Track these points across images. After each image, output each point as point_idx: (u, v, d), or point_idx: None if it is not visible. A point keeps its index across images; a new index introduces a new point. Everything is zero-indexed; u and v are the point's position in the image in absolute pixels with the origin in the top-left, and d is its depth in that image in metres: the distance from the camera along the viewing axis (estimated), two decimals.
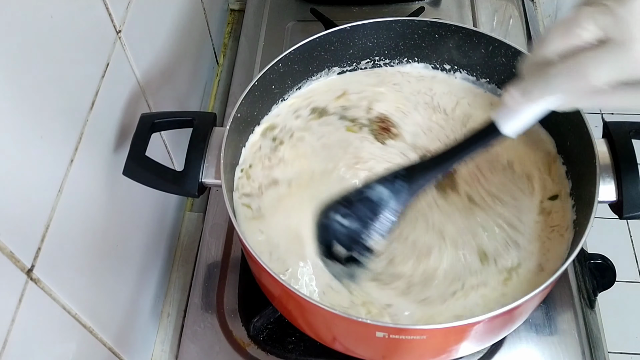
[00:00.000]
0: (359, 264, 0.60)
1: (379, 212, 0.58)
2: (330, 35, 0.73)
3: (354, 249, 0.59)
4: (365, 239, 0.59)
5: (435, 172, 0.57)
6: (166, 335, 0.81)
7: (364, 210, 0.59)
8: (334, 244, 0.60)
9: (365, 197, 0.59)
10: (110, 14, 0.61)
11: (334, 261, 0.60)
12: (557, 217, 0.66)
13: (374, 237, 0.59)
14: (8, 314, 0.46)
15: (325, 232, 0.60)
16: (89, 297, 0.60)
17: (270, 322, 0.73)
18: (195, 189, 0.62)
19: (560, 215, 0.66)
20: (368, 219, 0.58)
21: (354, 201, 0.60)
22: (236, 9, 1.17)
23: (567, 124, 0.67)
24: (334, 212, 0.60)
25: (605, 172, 0.60)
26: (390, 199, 0.58)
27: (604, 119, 0.64)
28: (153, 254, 0.80)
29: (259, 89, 0.69)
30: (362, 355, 0.64)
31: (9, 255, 0.45)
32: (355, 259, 0.60)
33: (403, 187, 0.58)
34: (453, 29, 0.73)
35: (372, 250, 0.60)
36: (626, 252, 1.70)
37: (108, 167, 0.63)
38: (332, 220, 0.60)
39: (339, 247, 0.60)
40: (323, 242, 0.60)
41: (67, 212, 0.54)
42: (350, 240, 0.59)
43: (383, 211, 0.58)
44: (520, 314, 0.62)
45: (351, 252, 0.60)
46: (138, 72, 0.70)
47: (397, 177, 0.58)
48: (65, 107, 0.54)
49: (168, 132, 0.78)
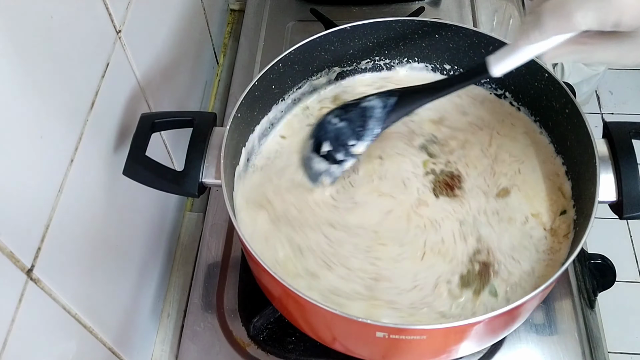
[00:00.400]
0: (339, 163, 0.66)
1: (367, 121, 0.64)
2: (330, 35, 0.73)
3: (339, 150, 0.66)
4: (350, 143, 0.65)
5: (426, 98, 0.63)
6: (166, 335, 0.81)
7: (355, 115, 0.65)
8: (323, 140, 0.67)
9: (360, 105, 0.65)
10: (110, 14, 0.61)
11: (319, 156, 0.67)
12: (564, 227, 0.66)
13: (358, 142, 0.65)
14: (8, 314, 0.46)
15: (319, 128, 0.67)
16: (89, 297, 0.60)
17: (270, 322, 0.73)
18: (195, 189, 0.62)
19: (566, 225, 0.66)
20: (357, 124, 0.65)
21: (350, 107, 0.66)
22: (236, 9, 1.17)
23: (567, 124, 0.67)
24: (331, 114, 0.67)
25: (605, 172, 0.60)
26: (381, 111, 0.64)
27: (604, 119, 0.64)
28: (153, 254, 0.80)
29: (259, 89, 0.69)
30: (362, 355, 0.64)
31: (9, 255, 0.45)
32: (337, 158, 0.66)
33: (394, 104, 0.64)
34: (453, 29, 0.73)
35: (354, 154, 0.66)
36: (626, 252, 1.70)
37: (108, 167, 0.63)
38: (327, 121, 0.67)
39: (326, 145, 0.66)
40: (314, 137, 0.68)
41: (67, 212, 0.54)
42: (337, 141, 0.66)
43: (372, 120, 0.64)
44: (520, 314, 0.62)
45: (335, 153, 0.66)
46: (138, 72, 0.70)
47: (391, 94, 0.65)
48: (65, 107, 0.54)
49: (168, 132, 0.78)
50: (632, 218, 0.59)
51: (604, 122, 0.63)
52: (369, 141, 0.65)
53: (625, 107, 1.97)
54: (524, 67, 0.70)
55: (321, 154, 0.67)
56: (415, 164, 0.71)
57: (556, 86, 0.67)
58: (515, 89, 0.74)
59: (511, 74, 0.72)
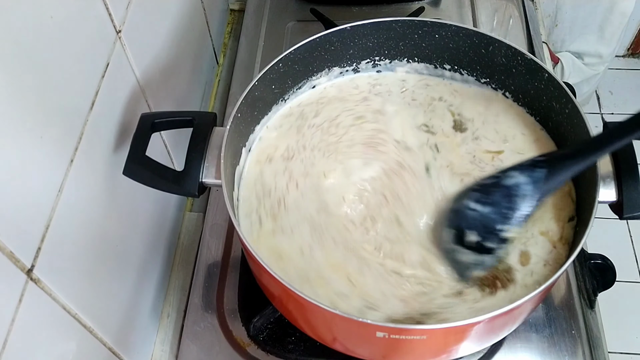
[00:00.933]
0: (490, 252, 0.58)
1: (514, 199, 0.56)
2: (330, 35, 0.73)
3: (487, 237, 0.57)
4: (500, 227, 0.57)
5: (580, 163, 0.54)
6: (166, 335, 0.81)
7: (498, 196, 0.57)
8: (466, 231, 0.58)
9: (501, 183, 0.57)
10: (110, 14, 0.61)
11: (465, 249, 0.59)
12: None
13: (508, 225, 0.57)
14: (8, 314, 0.46)
15: (458, 216, 0.59)
16: (89, 297, 0.60)
17: (270, 322, 0.73)
18: (195, 189, 0.62)
19: (572, 230, 0.65)
20: (503, 206, 0.56)
21: (489, 187, 0.58)
22: (236, 9, 1.17)
23: (567, 124, 0.67)
24: (467, 198, 0.59)
25: (606, 172, 0.60)
26: (527, 186, 0.55)
27: (604, 119, 0.64)
28: (153, 254, 0.80)
29: (259, 89, 0.69)
30: (362, 355, 0.64)
31: (9, 255, 0.45)
32: (487, 247, 0.58)
33: (542, 174, 0.55)
34: (453, 29, 0.73)
35: (506, 239, 0.57)
36: (626, 252, 1.70)
37: (108, 167, 0.63)
38: (467, 207, 0.58)
39: (470, 234, 0.58)
40: (454, 227, 0.59)
41: (67, 212, 0.54)
42: (483, 226, 0.57)
43: (519, 199, 0.56)
44: (520, 314, 0.62)
45: (484, 239, 0.57)
46: (138, 72, 0.70)
47: (536, 164, 0.56)
48: (65, 107, 0.54)
49: (168, 132, 0.78)
50: (632, 218, 0.59)
51: (604, 122, 0.63)
52: (523, 222, 0.57)
53: (625, 107, 1.97)
54: (524, 67, 0.70)
55: (467, 245, 0.59)
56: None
57: (556, 86, 0.67)
58: (515, 89, 0.74)
59: (511, 74, 0.72)
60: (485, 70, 0.75)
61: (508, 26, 1.03)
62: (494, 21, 1.03)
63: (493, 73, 0.75)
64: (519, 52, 0.69)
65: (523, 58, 0.70)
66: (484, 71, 0.76)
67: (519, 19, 1.03)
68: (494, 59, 0.72)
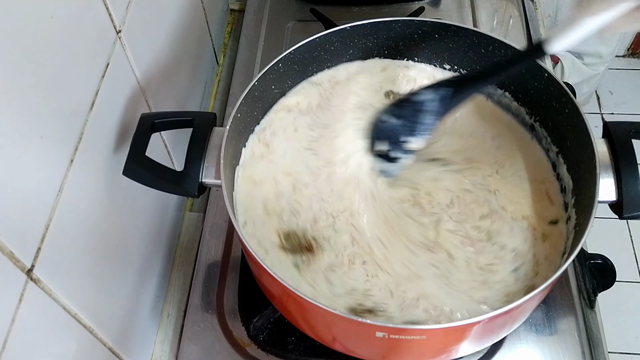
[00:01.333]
0: (396, 160, 0.66)
1: (421, 115, 0.62)
2: (330, 35, 0.73)
3: (394, 149, 0.65)
4: (405, 140, 0.64)
5: (479, 83, 0.62)
6: (166, 335, 0.81)
7: (409, 110, 0.63)
8: (377, 140, 0.66)
9: (412, 99, 0.63)
10: (110, 14, 0.61)
11: (376, 156, 0.67)
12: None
13: (413, 139, 0.64)
14: (8, 314, 0.46)
15: (372, 127, 0.66)
16: (89, 297, 0.60)
17: (270, 322, 0.73)
18: (195, 189, 0.62)
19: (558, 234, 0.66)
20: (412, 119, 0.63)
21: (402, 102, 0.64)
22: (236, 9, 1.17)
23: (567, 124, 0.67)
24: (384, 112, 0.65)
25: (605, 172, 0.60)
26: (434, 103, 0.62)
27: (604, 119, 0.64)
28: (153, 254, 0.80)
29: (259, 89, 0.69)
30: (362, 355, 0.64)
31: (9, 255, 0.45)
32: (394, 157, 0.66)
33: (447, 93, 0.61)
34: (453, 29, 0.73)
35: (411, 151, 0.65)
36: (626, 252, 1.70)
37: (108, 167, 0.63)
38: (380, 119, 0.65)
39: (382, 143, 0.66)
40: (370, 138, 0.67)
41: (67, 212, 0.54)
42: (394, 137, 0.65)
43: (425, 114, 0.62)
44: (520, 314, 0.62)
45: (391, 152, 0.65)
46: (138, 72, 0.70)
47: (442, 84, 0.62)
48: (65, 107, 0.54)
49: (168, 132, 0.78)
50: (632, 218, 0.59)
51: (604, 122, 0.63)
52: (426, 136, 0.64)
53: (625, 107, 1.97)
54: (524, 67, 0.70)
55: (377, 154, 0.67)
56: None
57: (556, 86, 0.67)
58: (515, 88, 0.74)
59: (511, 74, 0.72)
60: None
61: (508, 26, 1.03)
62: (494, 21, 1.03)
63: None
64: (519, 52, 0.69)
65: None
66: None
67: (519, 19, 1.03)
68: (494, 59, 0.72)
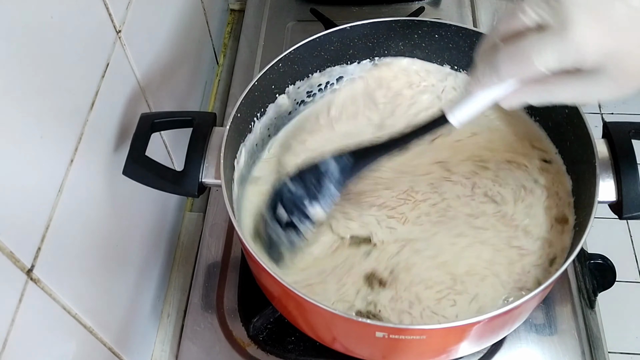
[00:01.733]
0: (297, 231, 0.63)
1: (324, 183, 0.62)
2: (330, 35, 0.73)
3: (295, 215, 0.63)
4: (307, 207, 0.62)
5: (382, 154, 0.61)
6: (166, 335, 0.81)
7: (310, 178, 0.63)
8: (278, 207, 0.63)
9: (315, 167, 0.63)
10: (110, 14, 0.61)
11: (276, 224, 0.63)
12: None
13: (315, 206, 0.62)
14: (8, 314, 0.46)
15: (274, 194, 0.64)
16: (89, 297, 0.60)
17: (270, 322, 0.73)
18: (195, 189, 0.62)
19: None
20: (313, 187, 0.62)
21: (305, 170, 0.63)
22: (236, 9, 1.18)
23: (567, 124, 0.67)
24: (287, 178, 0.64)
25: (605, 172, 0.60)
26: (336, 172, 0.62)
27: (604, 119, 0.64)
28: (153, 254, 0.80)
29: (259, 89, 0.69)
30: (362, 355, 0.64)
31: (9, 255, 0.45)
32: (295, 225, 0.63)
33: (349, 162, 0.61)
34: (453, 29, 0.73)
35: (312, 220, 0.63)
36: (626, 252, 1.70)
37: (108, 167, 0.63)
38: (282, 185, 0.64)
39: (282, 210, 0.63)
40: (270, 204, 0.64)
41: (67, 212, 0.54)
42: (294, 205, 0.63)
43: (328, 182, 0.62)
44: (520, 314, 0.62)
45: (292, 217, 0.63)
46: (138, 72, 0.70)
47: (344, 153, 0.62)
48: (65, 107, 0.54)
49: (168, 132, 0.78)
50: (632, 218, 0.59)
51: (604, 122, 0.63)
52: (329, 204, 0.62)
53: (625, 107, 1.97)
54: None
55: (278, 221, 0.64)
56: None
57: None
58: None
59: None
60: None
61: None
62: (494, 21, 1.03)
63: None
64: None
65: None
66: None
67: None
68: None
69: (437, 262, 0.63)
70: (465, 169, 0.70)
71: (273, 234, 0.63)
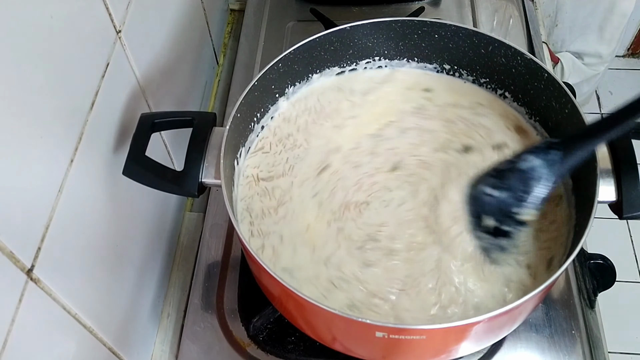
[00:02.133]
0: (508, 236, 0.60)
1: (530, 183, 0.57)
2: (330, 35, 0.73)
3: (505, 221, 0.59)
4: (516, 211, 0.58)
5: (596, 141, 0.56)
6: (166, 335, 0.81)
7: (514, 181, 0.58)
8: (483, 216, 0.60)
9: (516, 167, 0.58)
10: (110, 14, 0.61)
11: (484, 234, 0.60)
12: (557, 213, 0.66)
13: (525, 208, 0.58)
14: (8, 314, 0.46)
15: (474, 202, 0.61)
16: (89, 297, 0.60)
17: (270, 322, 0.73)
18: (195, 189, 0.62)
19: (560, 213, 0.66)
20: (519, 190, 0.57)
21: (505, 172, 0.59)
22: (236, 9, 1.18)
23: (566, 124, 0.67)
24: (483, 184, 0.60)
25: (605, 172, 0.60)
26: (542, 169, 0.56)
27: None
28: (153, 254, 0.80)
29: (259, 89, 0.69)
30: (362, 355, 0.64)
31: (9, 255, 0.45)
32: (505, 231, 0.59)
33: (557, 157, 0.56)
34: (453, 29, 0.73)
35: (523, 222, 0.59)
36: (626, 252, 1.70)
37: (108, 167, 0.63)
38: (481, 192, 0.60)
39: (488, 219, 0.60)
40: (473, 215, 0.61)
41: (67, 212, 0.54)
42: (501, 211, 0.59)
43: (535, 182, 0.57)
44: (520, 314, 0.62)
45: (502, 224, 0.59)
46: (138, 72, 0.70)
47: (551, 146, 0.57)
48: (65, 107, 0.54)
49: (168, 132, 0.78)
50: (631, 218, 0.59)
51: None
52: (540, 204, 0.58)
53: None
54: (524, 67, 0.70)
55: (483, 230, 0.61)
56: None
57: (556, 86, 0.67)
58: (515, 89, 0.74)
59: (511, 74, 0.72)
60: (485, 70, 0.75)
61: (508, 26, 1.03)
62: (494, 21, 1.03)
63: (493, 73, 0.75)
64: (518, 52, 0.69)
65: (523, 58, 0.70)
66: (484, 71, 0.76)
67: (519, 19, 1.03)
68: (493, 59, 0.72)
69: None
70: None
71: (482, 242, 0.61)
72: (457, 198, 0.65)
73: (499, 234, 0.60)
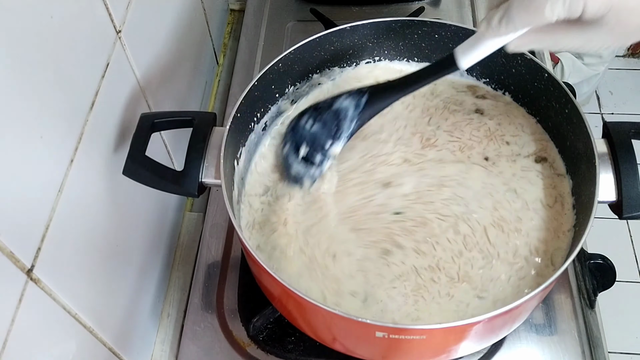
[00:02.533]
0: (317, 165, 0.67)
1: (341, 121, 0.66)
2: (330, 35, 0.73)
3: (316, 150, 0.67)
4: (326, 142, 0.67)
5: (397, 94, 0.64)
6: (166, 335, 0.81)
7: (329, 117, 0.66)
8: (300, 144, 0.68)
9: (332, 105, 0.66)
10: (110, 14, 0.62)
11: (296, 159, 0.68)
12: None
13: (333, 141, 0.66)
14: (8, 314, 0.46)
15: (293, 132, 0.69)
16: (89, 297, 0.60)
17: (270, 322, 0.73)
18: (195, 189, 0.62)
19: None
20: (331, 125, 0.66)
21: (322, 108, 0.67)
22: (236, 9, 1.18)
23: (566, 124, 0.67)
24: (304, 118, 0.68)
25: (605, 172, 0.60)
26: (353, 111, 0.65)
27: (604, 119, 0.64)
28: (153, 254, 0.80)
29: (259, 89, 0.69)
30: (362, 355, 0.64)
31: (9, 255, 0.45)
32: (313, 160, 0.67)
33: (365, 102, 0.65)
34: (453, 29, 0.73)
35: (331, 154, 0.67)
36: (626, 252, 1.70)
37: (108, 167, 0.63)
38: (301, 124, 0.68)
39: (303, 147, 0.68)
40: (290, 141, 0.69)
41: (67, 212, 0.54)
42: (314, 141, 0.67)
43: (343, 121, 0.66)
44: (520, 314, 0.62)
45: (313, 153, 0.67)
46: (138, 72, 0.70)
47: (362, 92, 0.65)
48: (65, 107, 0.54)
49: (168, 132, 0.78)
50: (631, 218, 0.59)
51: (604, 122, 0.63)
52: (345, 141, 0.67)
53: (625, 107, 1.97)
54: (524, 67, 0.70)
55: (299, 158, 0.68)
56: None
57: (556, 86, 0.67)
58: (515, 88, 0.74)
59: (511, 74, 0.72)
60: (485, 70, 0.75)
61: None
62: None
63: (493, 73, 0.75)
64: (518, 52, 0.69)
65: (523, 58, 0.70)
66: (484, 71, 0.76)
67: None
68: (493, 59, 0.72)
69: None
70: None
71: (293, 168, 0.68)
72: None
73: (311, 163, 0.68)
